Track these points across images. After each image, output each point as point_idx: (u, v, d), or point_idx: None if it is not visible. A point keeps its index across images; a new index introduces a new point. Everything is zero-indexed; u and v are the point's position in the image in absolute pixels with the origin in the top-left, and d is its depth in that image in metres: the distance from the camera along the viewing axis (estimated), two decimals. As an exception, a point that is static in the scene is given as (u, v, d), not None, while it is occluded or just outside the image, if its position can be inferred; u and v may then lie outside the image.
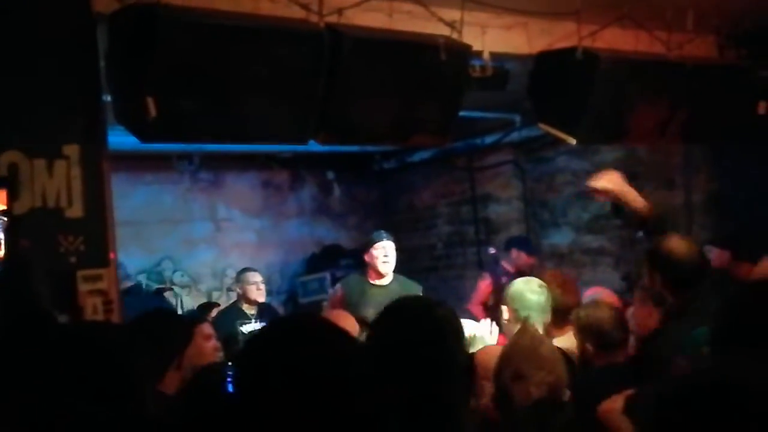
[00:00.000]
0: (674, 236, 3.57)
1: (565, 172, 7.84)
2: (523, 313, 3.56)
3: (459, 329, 2.37)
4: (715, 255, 5.38)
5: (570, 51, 4.61)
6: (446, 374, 2.17)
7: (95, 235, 3.66)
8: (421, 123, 4.29)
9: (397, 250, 5.83)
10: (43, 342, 1.20)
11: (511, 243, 7.20)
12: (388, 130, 4.20)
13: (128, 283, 6.46)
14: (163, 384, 2.81)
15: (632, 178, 7.19)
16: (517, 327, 3.21)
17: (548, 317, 3.73)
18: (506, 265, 6.99)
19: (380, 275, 5.76)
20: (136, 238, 7.41)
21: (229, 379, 1.63)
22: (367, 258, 5.80)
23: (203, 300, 7.79)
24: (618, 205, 7.11)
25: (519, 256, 6.93)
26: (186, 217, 8.27)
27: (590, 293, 4.59)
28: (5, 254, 3.27)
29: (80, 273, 3.58)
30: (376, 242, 5.77)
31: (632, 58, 4.81)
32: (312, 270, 8.61)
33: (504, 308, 3.82)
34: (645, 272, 3.57)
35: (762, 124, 5.31)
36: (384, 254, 5.74)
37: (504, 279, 6.51)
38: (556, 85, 4.77)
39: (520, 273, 6.88)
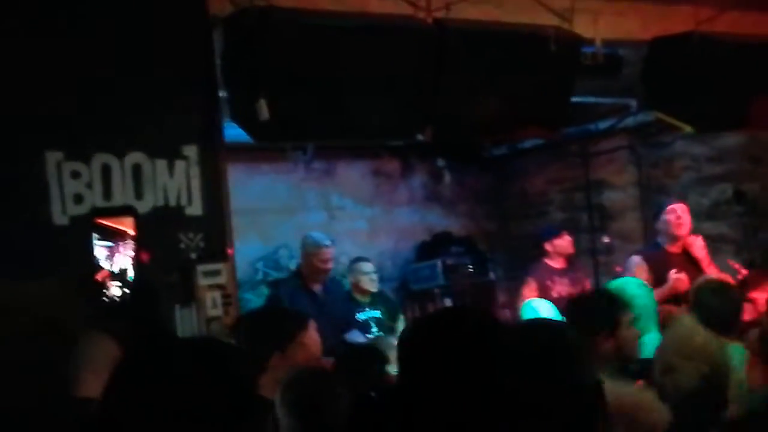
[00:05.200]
0: None
1: (684, 156, 7.55)
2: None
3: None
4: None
5: (686, 36, 4.46)
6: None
7: (214, 231, 3.82)
8: (532, 116, 4.25)
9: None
10: (168, 368, 1.26)
11: (545, 237, 6.25)
12: (496, 124, 4.18)
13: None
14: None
15: (754, 163, 7.00)
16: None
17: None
18: (550, 262, 6.13)
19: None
20: (254, 226, 7.61)
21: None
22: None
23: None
24: (740, 191, 6.88)
25: (557, 245, 6.13)
26: (300, 206, 8.43)
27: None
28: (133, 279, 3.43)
29: (200, 268, 3.75)
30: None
31: (753, 42, 4.61)
32: (423, 257, 8.64)
33: None
34: None
35: None
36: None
37: (549, 281, 5.89)
38: (671, 71, 4.62)
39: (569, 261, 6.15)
